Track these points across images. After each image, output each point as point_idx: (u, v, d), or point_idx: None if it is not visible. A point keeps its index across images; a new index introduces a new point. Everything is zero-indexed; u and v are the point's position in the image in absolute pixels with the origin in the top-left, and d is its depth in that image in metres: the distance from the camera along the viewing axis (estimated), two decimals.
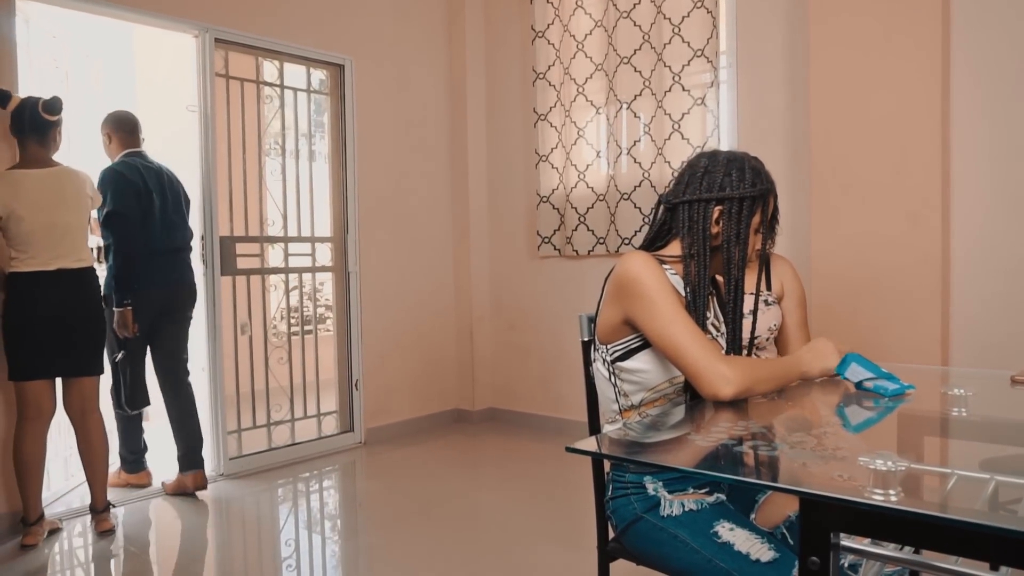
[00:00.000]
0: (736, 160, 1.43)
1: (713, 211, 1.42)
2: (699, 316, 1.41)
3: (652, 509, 1.39)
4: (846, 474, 0.99)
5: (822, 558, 0.93)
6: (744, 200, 1.40)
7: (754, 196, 1.40)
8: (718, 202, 1.41)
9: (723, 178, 1.41)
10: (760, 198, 1.42)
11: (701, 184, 1.43)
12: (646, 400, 1.43)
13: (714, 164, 1.43)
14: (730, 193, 1.40)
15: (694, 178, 1.44)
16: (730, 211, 1.40)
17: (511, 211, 4.50)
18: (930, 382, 1.46)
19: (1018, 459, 1.10)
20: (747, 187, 1.40)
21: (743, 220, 1.40)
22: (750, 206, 1.41)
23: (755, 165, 1.44)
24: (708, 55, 3.48)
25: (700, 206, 1.42)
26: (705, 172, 1.43)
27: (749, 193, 1.40)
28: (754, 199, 1.41)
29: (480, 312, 4.60)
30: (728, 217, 1.41)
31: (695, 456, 1.10)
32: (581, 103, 4.02)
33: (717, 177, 1.42)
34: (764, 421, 1.28)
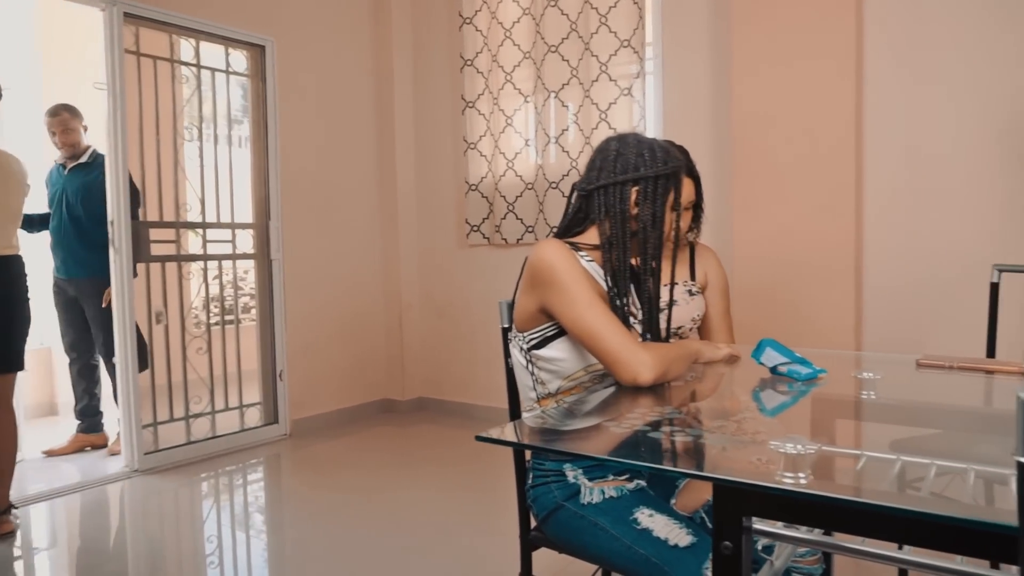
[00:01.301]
0: (646, 141, 1.44)
1: (631, 192, 1.42)
2: (621, 302, 1.41)
3: (572, 497, 1.38)
4: (764, 458, 1.00)
5: (735, 543, 0.94)
6: (659, 179, 1.41)
7: (668, 174, 1.42)
8: (635, 183, 1.41)
9: (636, 159, 1.41)
10: (673, 176, 1.43)
11: (615, 167, 1.43)
12: (563, 388, 1.42)
13: (625, 146, 1.44)
14: (645, 172, 1.40)
15: (607, 162, 1.44)
16: (646, 191, 1.41)
17: (440, 199, 4.44)
18: (841, 366, 1.50)
19: (924, 440, 1.14)
20: (660, 165, 1.41)
21: (659, 199, 1.41)
22: (665, 184, 1.41)
23: (664, 145, 1.45)
24: (634, 46, 3.50)
25: (617, 189, 1.42)
26: (617, 155, 1.43)
27: (663, 171, 1.41)
28: (668, 177, 1.42)
29: (409, 300, 4.54)
30: (645, 197, 1.41)
31: (611, 443, 1.10)
32: (509, 91, 3.99)
33: (630, 159, 1.42)
34: (683, 407, 1.29)
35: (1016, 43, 2.62)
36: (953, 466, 0.99)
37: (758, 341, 1.39)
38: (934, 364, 1.39)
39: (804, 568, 1.32)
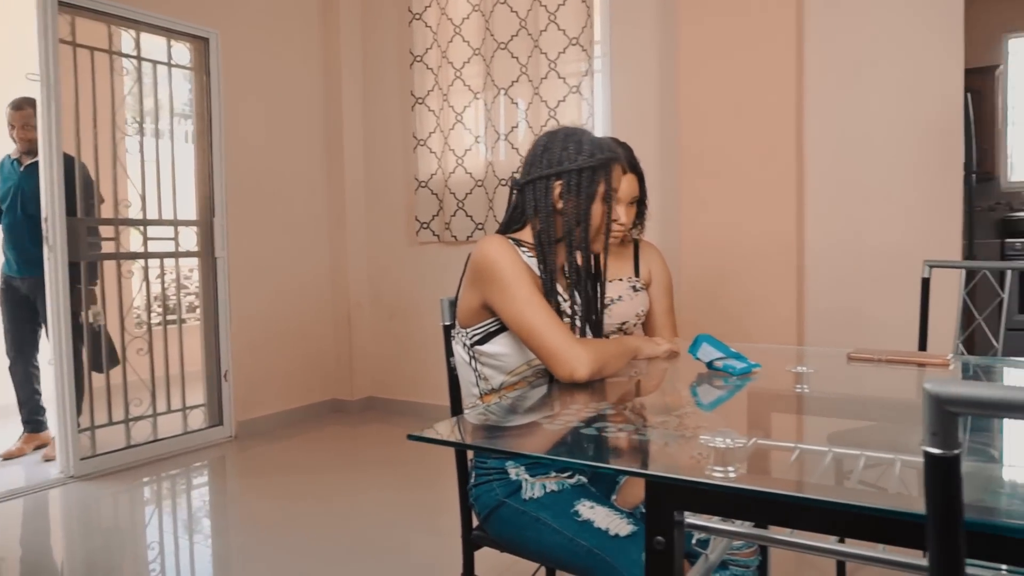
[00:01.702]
0: (574, 134, 1.45)
1: (555, 186, 1.42)
2: (551, 299, 1.41)
3: (514, 494, 1.38)
4: (704, 453, 1.01)
5: (667, 537, 0.95)
6: (583, 171, 1.41)
7: (594, 166, 1.42)
8: (557, 176, 1.42)
9: (561, 152, 1.42)
10: (601, 168, 1.43)
11: (542, 162, 1.44)
12: (506, 383, 1.42)
13: (552, 140, 1.45)
14: (568, 166, 1.41)
15: (535, 157, 1.45)
16: (569, 184, 1.41)
17: (389, 196, 4.40)
18: (776, 360, 1.53)
19: (859, 432, 1.16)
20: (585, 158, 1.41)
21: (583, 192, 1.41)
22: (590, 177, 1.42)
23: (595, 139, 1.46)
24: (583, 44, 3.52)
25: (542, 183, 1.43)
26: (544, 149, 1.44)
27: (588, 164, 1.41)
28: (594, 169, 1.42)
29: (358, 298, 4.48)
30: (568, 190, 1.42)
31: (550, 441, 1.09)
32: (459, 87, 3.97)
33: (555, 152, 1.43)
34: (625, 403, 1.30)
35: (944, 47, 2.71)
36: (882, 456, 1.01)
37: (695, 337, 1.41)
38: (864, 358, 1.42)
39: (741, 560, 1.34)
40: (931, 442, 0.60)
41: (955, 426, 0.60)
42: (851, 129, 2.87)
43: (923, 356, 1.39)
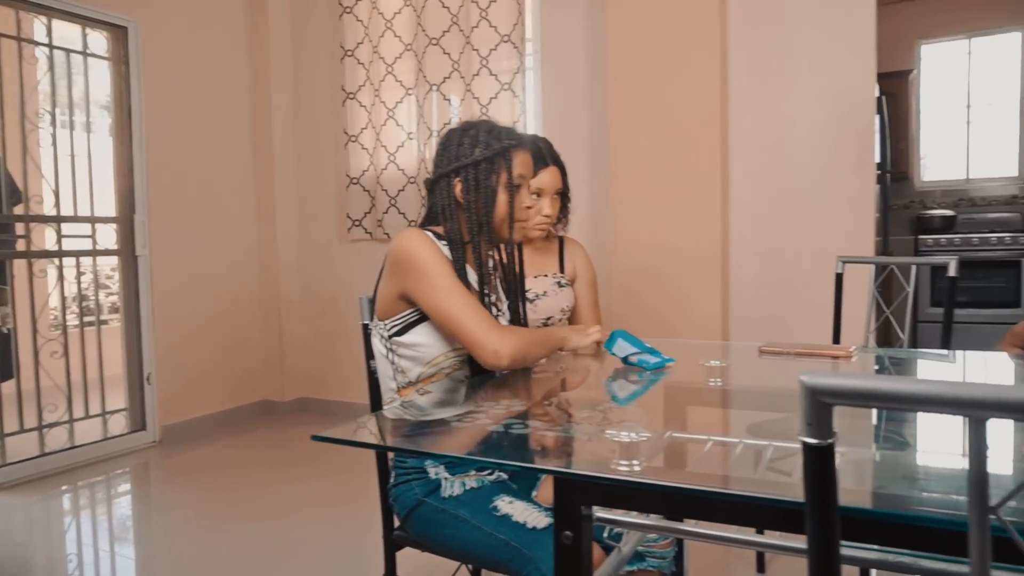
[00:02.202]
0: (471, 128, 1.45)
1: (455, 184, 1.42)
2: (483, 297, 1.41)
3: (433, 492, 1.37)
4: (614, 448, 1.02)
5: (575, 531, 0.96)
6: (480, 164, 1.42)
7: (490, 157, 1.42)
8: (456, 173, 1.42)
9: (457, 149, 1.43)
10: (499, 157, 1.43)
11: (443, 160, 1.45)
12: (424, 375, 1.41)
13: (450, 137, 1.46)
14: (463, 162, 1.42)
15: (438, 156, 1.46)
16: (468, 179, 1.42)
17: (320, 192, 4.32)
18: (691, 355, 1.56)
19: (775, 423, 1.18)
20: (481, 150, 1.42)
21: (482, 185, 1.42)
22: (488, 169, 1.42)
23: (492, 128, 1.45)
24: (515, 41, 3.52)
25: (444, 182, 1.44)
26: (444, 147, 1.46)
27: (483, 155, 1.42)
28: (491, 160, 1.42)
29: (289, 297, 4.39)
30: (468, 186, 1.42)
31: (464, 439, 1.09)
32: (391, 83, 3.93)
33: (453, 149, 1.44)
34: (545, 400, 1.30)
35: (857, 53, 2.81)
36: (789, 447, 1.03)
37: (610, 332, 1.43)
38: (774, 351, 1.46)
39: (657, 552, 1.36)
40: (807, 432, 0.62)
41: (829, 416, 0.61)
42: (772, 131, 2.95)
43: (829, 348, 1.44)
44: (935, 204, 5.24)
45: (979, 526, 0.58)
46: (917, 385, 0.57)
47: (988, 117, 5.28)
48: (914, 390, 0.57)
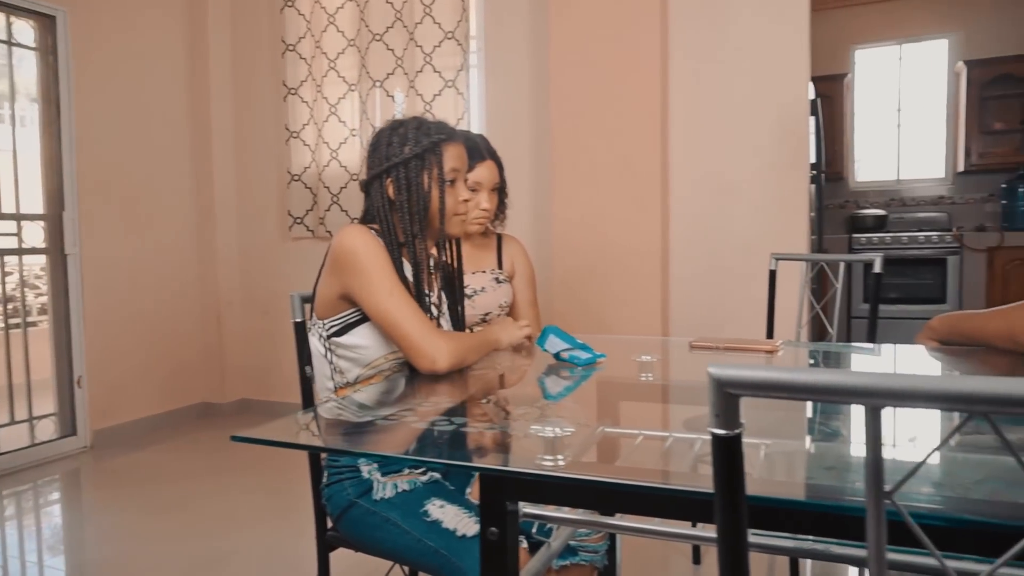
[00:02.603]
0: (400, 125, 1.43)
1: (387, 184, 1.41)
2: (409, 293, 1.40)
3: (366, 493, 1.35)
4: (573, 444, 1.02)
5: (500, 528, 0.95)
6: (409, 162, 1.40)
7: (419, 154, 1.40)
8: (387, 173, 1.40)
9: (387, 149, 1.41)
10: (428, 153, 1.41)
11: (374, 161, 1.43)
12: (362, 377, 1.40)
13: (380, 137, 1.44)
14: (393, 161, 1.40)
15: (369, 156, 1.45)
16: (399, 178, 1.40)
17: (261, 189, 4.23)
18: (623, 350, 1.58)
19: (707, 418, 1.20)
20: (411, 147, 1.40)
21: (413, 183, 1.40)
22: (417, 166, 1.41)
23: (421, 123, 1.43)
24: (459, 38, 3.51)
25: (376, 183, 1.42)
26: (374, 148, 1.44)
27: (413, 152, 1.40)
28: (420, 157, 1.41)
29: (229, 297, 4.29)
30: (398, 184, 1.40)
31: (399, 437, 1.08)
32: (333, 79, 3.87)
33: (382, 150, 1.42)
34: (479, 397, 1.30)
35: (792, 57, 2.89)
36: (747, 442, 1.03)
37: (543, 329, 1.43)
38: (704, 346, 1.49)
39: (589, 546, 1.37)
40: (715, 423, 0.63)
41: (736, 407, 0.62)
42: (711, 132, 3.01)
43: (757, 343, 1.47)
44: (868, 204, 5.43)
45: (875, 511, 0.60)
46: (815, 376, 0.58)
47: (917, 120, 5.49)
48: (812, 380, 0.58)
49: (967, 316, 1.43)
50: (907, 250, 4.82)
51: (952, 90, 5.27)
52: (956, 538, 0.67)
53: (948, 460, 0.88)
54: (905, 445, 0.97)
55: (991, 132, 5.07)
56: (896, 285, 4.77)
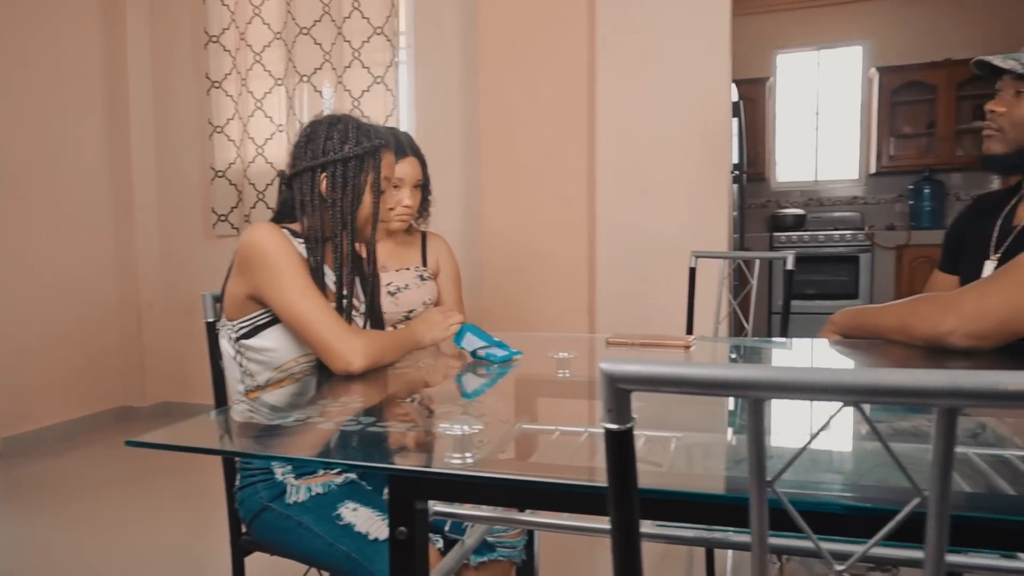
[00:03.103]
0: (339, 122, 1.41)
1: (321, 179, 1.39)
2: (325, 290, 1.38)
3: (279, 497, 1.33)
4: (486, 439, 1.03)
5: (409, 527, 0.95)
6: (348, 161, 1.39)
7: (360, 155, 1.39)
8: (322, 168, 1.38)
9: (325, 143, 1.39)
10: (368, 156, 1.40)
11: (306, 153, 1.40)
12: (272, 380, 1.37)
13: (316, 130, 1.41)
14: (332, 157, 1.38)
15: (300, 148, 1.41)
16: (335, 176, 1.38)
17: (183, 186, 4.09)
18: (540, 347, 1.60)
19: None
20: (351, 146, 1.39)
21: (349, 183, 1.39)
22: (357, 167, 1.39)
23: (360, 124, 1.42)
24: (388, 34, 3.48)
25: (308, 175, 1.39)
26: (308, 140, 1.40)
27: (353, 152, 1.38)
28: (361, 158, 1.39)
29: (149, 296, 4.14)
30: (333, 181, 1.38)
31: (312, 439, 1.06)
32: (259, 72, 3.78)
33: (320, 143, 1.39)
34: (397, 395, 1.29)
35: (713, 60, 2.97)
36: (661, 435, 1.05)
37: (460, 327, 1.43)
38: (621, 342, 1.52)
39: (507, 542, 1.38)
40: (607, 418, 0.64)
41: (628, 402, 0.64)
42: (636, 132, 3.07)
43: (671, 339, 1.51)
44: (788, 203, 5.63)
45: (758, 500, 0.63)
46: (699, 370, 0.60)
47: (834, 123, 5.73)
48: (697, 375, 0.60)
49: (865, 310, 1.51)
50: (823, 248, 5.03)
51: (865, 95, 5.52)
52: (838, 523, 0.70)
53: (858, 449, 0.93)
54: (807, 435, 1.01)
55: (901, 136, 5.34)
56: (813, 281, 4.97)
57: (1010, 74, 1.40)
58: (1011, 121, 1.40)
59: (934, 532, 0.57)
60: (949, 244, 1.68)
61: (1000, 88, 1.44)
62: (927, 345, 1.34)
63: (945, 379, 0.53)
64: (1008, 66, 1.38)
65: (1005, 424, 1.04)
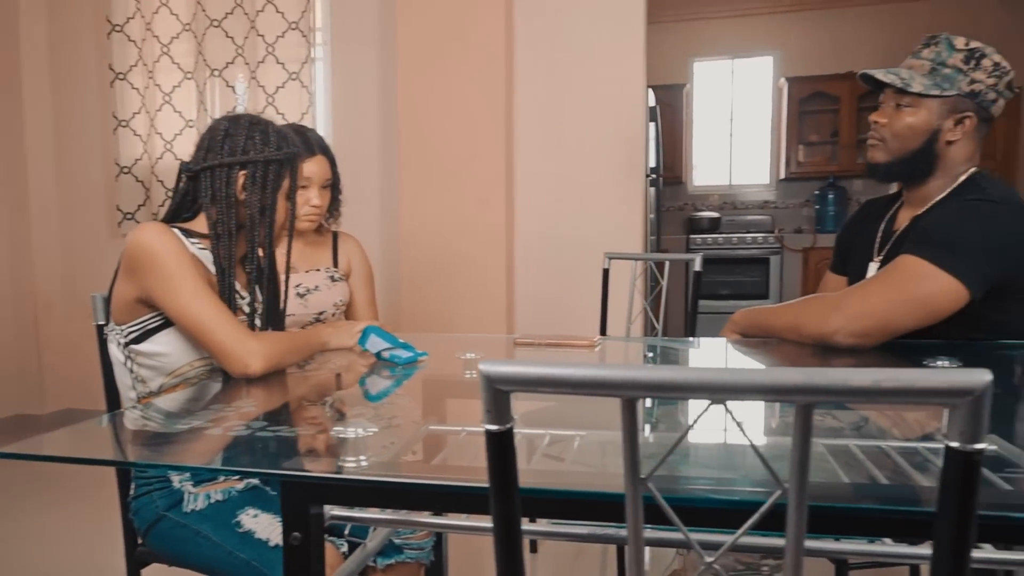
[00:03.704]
0: (260, 123, 1.39)
1: (238, 176, 1.35)
2: (228, 293, 1.34)
3: (175, 506, 1.29)
4: (398, 441, 1.01)
5: (303, 532, 0.94)
6: (271, 164, 1.36)
7: (281, 160, 1.38)
8: (242, 167, 1.35)
9: (246, 141, 1.35)
10: (288, 162, 1.39)
11: (223, 148, 1.35)
12: (166, 386, 1.32)
13: (236, 127, 1.37)
14: (254, 156, 1.35)
15: (215, 143, 1.36)
16: (255, 176, 1.36)
17: (85, 182, 3.89)
18: (448, 348, 1.60)
19: (544, 412, 1.23)
20: (273, 150, 1.36)
21: (269, 186, 1.37)
22: (277, 171, 1.37)
23: (280, 129, 1.42)
24: (303, 29, 3.40)
25: (223, 172, 1.35)
26: (226, 136, 1.36)
27: (275, 156, 1.37)
28: (281, 163, 1.38)
29: (48, 299, 3.92)
30: (253, 182, 1.36)
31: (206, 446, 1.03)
32: (167, 65, 3.63)
33: (240, 141, 1.36)
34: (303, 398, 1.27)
35: (629, 66, 3.04)
36: (564, 434, 1.06)
37: (364, 328, 1.42)
38: (528, 343, 1.54)
39: (414, 543, 1.37)
40: (486, 419, 0.65)
41: (507, 403, 0.65)
42: (554, 134, 3.10)
43: (576, 340, 1.54)
44: (704, 207, 5.81)
45: (633, 496, 0.64)
46: (575, 371, 0.61)
47: (748, 130, 5.95)
48: (572, 375, 0.61)
49: (762, 311, 1.57)
50: (736, 250, 5.22)
51: (776, 103, 5.75)
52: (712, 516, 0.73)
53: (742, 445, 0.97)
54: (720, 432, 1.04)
55: (808, 143, 5.59)
56: (727, 282, 5.15)
57: (891, 87, 1.49)
58: (892, 132, 1.49)
59: (794, 521, 0.60)
60: (839, 247, 1.77)
61: (883, 100, 1.52)
62: (816, 343, 1.41)
63: (800, 377, 0.56)
64: (888, 80, 1.47)
65: (885, 417, 1.11)
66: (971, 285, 1.33)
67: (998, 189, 1.44)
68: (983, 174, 1.50)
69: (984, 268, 1.34)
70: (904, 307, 1.34)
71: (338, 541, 1.27)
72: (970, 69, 1.44)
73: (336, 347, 1.52)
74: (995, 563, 0.91)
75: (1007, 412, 1.13)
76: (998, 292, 1.38)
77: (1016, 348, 1.43)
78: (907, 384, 0.49)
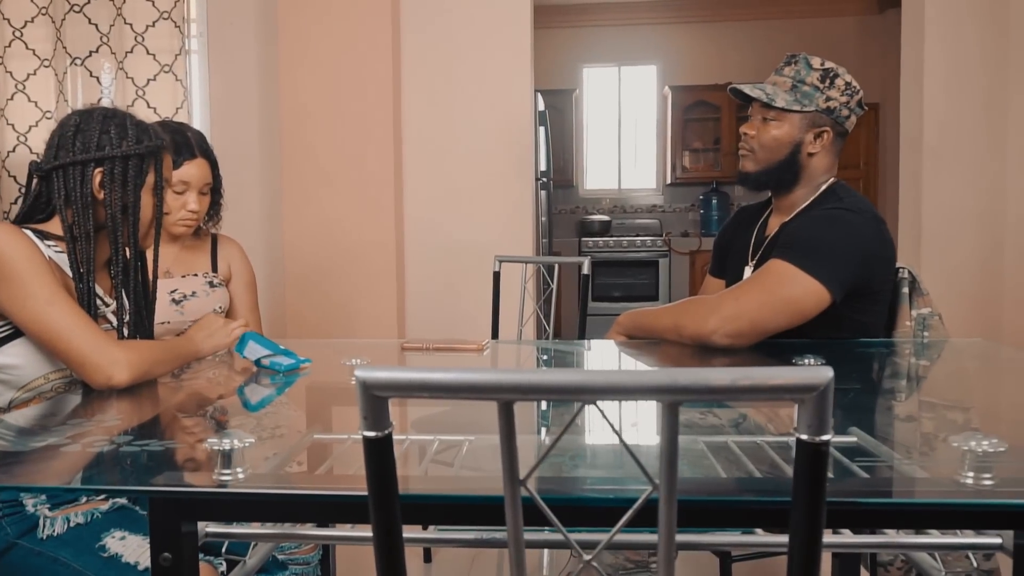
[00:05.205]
0: (116, 116, 1.30)
1: (94, 174, 1.26)
2: (88, 299, 1.25)
3: (29, 532, 1.18)
4: (281, 452, 0.97)
5: (174, 552, 0.88)
6: (130, 159, 1.28)
7: (141, 154, 1.29)
8: (97, 164, 1.26)
9: (100, 136, 1.27)
10: (150, 156, 1.31)
11: (75, 145, 1.26)
12: (17, 401, 1.22)
13: (88, 122, 1.28)
14: (111, 152, 1.26)
15: (65, 139, 1.27)
16: (113, 173, 1.27)
17: None
18: (332, 355, 1.56)
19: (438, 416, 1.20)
20: (132, 144, 1.28)
21: (130, 182, 1.28)
22: (138, 166, 1.29)
23: (139, 122, 1.33)
24: (176, 19, 3.22)
25: (77, 170, 1.26)
26: (77, 131, 1.27)
27: (135, 151, 1.28)
28: (142, 157, 1.30)
29: None
30: (112, 180, 1.27)
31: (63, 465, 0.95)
32: (20, 51, 3.34)
33: (93, 136, 1.26)
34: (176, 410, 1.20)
35: (517, 71, 3.07)
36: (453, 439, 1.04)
37: (242, 335, 1.37)
38: (414, 347, 1.52)
39: (299, 558, 1.33)
40: (364, 425, 0.63)
41: (384, 409, 0.63)
42: (443, 137, 3.09)
43: (464, 343, 1.54)
44: (596, 210, 5.97)
45: (511, 497, 0.65)
46: (451, 375, 0.61)
47: (636, 135, 6.16)
48: (448, 380, 0.61)
49: (645, 312, 1.63)
50: (627, 253, 5.39)
51: (661, 111, 5.98)
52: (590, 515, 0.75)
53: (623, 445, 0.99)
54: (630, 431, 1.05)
55: (692, 150, 5.85)
56: (618, 284, 5.31)
57: (758, 102, 1.57)
58: (760, 143, 1.58)
59: (665, 516, 0.61)
60: (717, 251, 1.86)
61: (751, 113, 1.61)
62: (696, 343, 1.47)
63: (665, 377, 0.58)
64: (755, 95, 1.56)
65: (761, 413, 1.17)
66: (832, 288, 1.42)
67: (854, 199, 1.56)
68: (841, 184, 1.61)
69: (843, 273, 1.44)
70: (773, 308, 1.42)
71: (215, 560, 1.20)
72: (825, 87, 1.55)
73: (210, 352, 1.45)
74: (856, 547, 0.98)
75: (867, 405, 1.23)
76: (857, 295, 1.49)
77: (875, 346, 1.55)
78: (760, 382, 0.52)
